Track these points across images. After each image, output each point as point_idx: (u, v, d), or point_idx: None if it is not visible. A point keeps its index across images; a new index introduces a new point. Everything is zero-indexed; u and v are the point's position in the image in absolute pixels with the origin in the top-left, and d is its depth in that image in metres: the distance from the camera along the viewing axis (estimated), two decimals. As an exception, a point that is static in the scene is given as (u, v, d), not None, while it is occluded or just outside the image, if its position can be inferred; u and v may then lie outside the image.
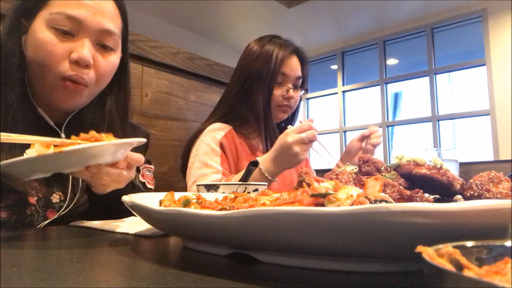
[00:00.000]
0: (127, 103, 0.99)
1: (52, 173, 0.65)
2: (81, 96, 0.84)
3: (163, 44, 1.68)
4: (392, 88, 6.07)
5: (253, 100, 1.36)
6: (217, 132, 1.34)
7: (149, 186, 1.05)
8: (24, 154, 0.58)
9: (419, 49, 5.61)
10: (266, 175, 1.12)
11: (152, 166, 1.10)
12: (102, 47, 0.84)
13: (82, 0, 0.80)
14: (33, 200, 0.80)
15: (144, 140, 0.68)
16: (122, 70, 0.95)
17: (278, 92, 1.37)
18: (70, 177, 0.87)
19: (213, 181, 1.22)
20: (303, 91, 1.46)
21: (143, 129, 1.13)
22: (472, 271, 0.19)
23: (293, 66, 1.40)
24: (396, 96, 6.23)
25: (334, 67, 6.44)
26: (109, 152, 0.62)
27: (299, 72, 1.42)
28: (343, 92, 6.36)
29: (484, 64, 4.99)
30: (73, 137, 0.63)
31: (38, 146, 0.58)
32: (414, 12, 5.29)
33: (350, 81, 6.37)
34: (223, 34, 6.04)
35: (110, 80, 0.91)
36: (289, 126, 1.15)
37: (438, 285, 0.17)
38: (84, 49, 0.79)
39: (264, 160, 1.14)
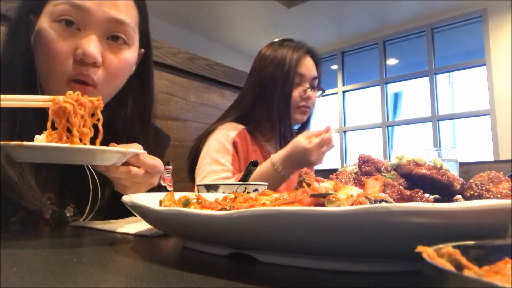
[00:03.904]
0: (150, 105, 0.89)
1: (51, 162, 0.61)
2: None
3: (163, 44, 1.68)
4: (392, 88, 6.07)
5: (271, 105, 1.34)
6: (230, 131, 1.33)
7: (169, 189, 1.02)
8: (34, 139, 0.58)
9: (419, 49, 5.61)
10: (283, 173, 1.15)
11: (170, 167, 1.09)
12: (113, 40, 0.75)
13: None
14: (47, 214, 0.74)
15: (136, 151, 0.63)
16: (145, 69, 0.87)
17: (295, 93, 1.36)
18: (91, 191, 0.80)
19: (223, 178, 1.21)
20: (320, 92, 1.44)
21: (164, 132, 1.06)
22: (472, 271, 0.19)
23: (309, 65, 1.39)
24: (396, 96, 6.23)
25: (334, 67, 6.44)
26: (96, 157, 0.58)
27: (314, 72, 1.40)
28: (343, 92, 6.36)
29: (484, 64, 4.99)
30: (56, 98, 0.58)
31: (48, 134, 0.58)
32: (414, 12, 5.29)
33: (350, 81, 6.37)
34: (223, 34, 6.04)
35: (131, 79, 0.83)
36: (306, 131, 1.18)
37: (438, 285, 0.17)
38: (91, 44, 0.70)
39: (278, 159, 1.16)
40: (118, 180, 0.68)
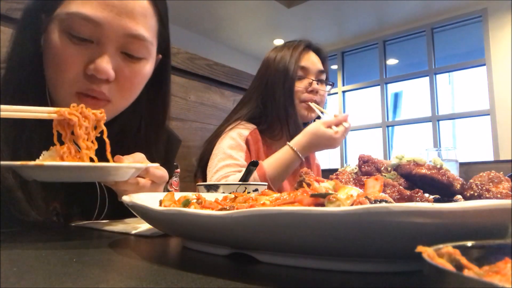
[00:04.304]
0: (165, 110, 0.85)
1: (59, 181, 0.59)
2: (105, 112, 0.68)
3: (163, 44, 1.68)
4: (392, 88, 6.07)
5: (277, 103, 1.34)
6: (243, 129, 1.33)
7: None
8: (41, 155, 0.57)
9: (419, 49, 5.61)
10: (301, 155, 1.22)
11: (178, 170, 1.07)
12: (128, 55, 0.70)
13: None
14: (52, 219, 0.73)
15: (150, 165, 0.63)
16: (162, 74, 0.82)
17: (300, 86, 1.35)
18: (98, 202, 0.78)
19: (236, 171, 1.22)
20: (329, 86, 1.44)
21: (175, 136, 1.02)
22: (472, 271, 0.19)
23: (312, 59, 1.39)
24: (396, 96, 6.23)
25: (334, 67, 6.44)
26: (108, 174, 0.58)
27: (320, 66, 1.40)
28: (343, 92, 6.36)
29: (484, 64, 4.99)
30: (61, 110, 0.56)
31: (54, 151, 0.57)
32: (414, 12, 5.29)
33: (350, 81, 6.37)
34: (223, 34, 6.04)
35: (146, 85, 0.78)
36: (321, 120, 1.26)
37: (438, 285, 0.17)
38: (104, 60, 0.65)
39: (298, 147, 1.22)
40: (125, 192, 0.65)
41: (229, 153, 1.26)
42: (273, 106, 1.35)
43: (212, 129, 1.49)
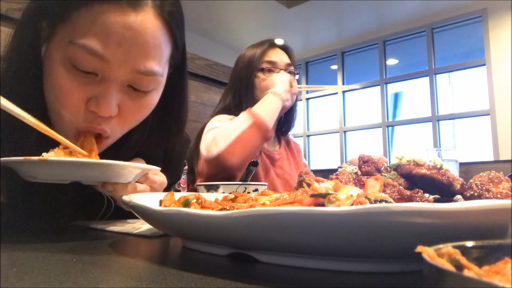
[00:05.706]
0: (179, 129, 0.80)
1: (61, 181, 0.58)
2: (101, 146, 0.66)
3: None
4: (392, 88, 6.07)
5: (246, 93, 1.40)
6: (226, 117, 1.35)
7: (183, 191, 1.00)
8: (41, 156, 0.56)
9: (419, 49, 5.61)
10: (278, 92, 1.29)
11: (186, 167, 1.08)
12: (136, 89, 0.64)
13: (113, 27, 0.57)
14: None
15: (151, 168, 0.62)
16: (176, 92, 0.76)
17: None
18: (104, 203, 0.76)
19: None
20: (297, 75, 1.48)
21: (186, 135, 0.94)
22: (472, 271, 0.19)
23: (278, 54, 1.44)
24: (396, 96, 6.23)
25: (334, 67, 6.44)
26: (113, 173, 0.58)
27: (287, 60, 1.45)
28: (343, 92, 6.36)
29: (484, 64, 4.99)
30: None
31: (57, 151, 0.57)
32: (414, 12, 5.29)
33: (350, 81, 6.37)
34: (223, 34, 6.04)
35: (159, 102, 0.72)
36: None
37: (438, 285, 0.17)
38: (107, 97, 0.59)
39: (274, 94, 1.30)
40: (119, 198, 0.64)
41: (220, 120, 1.29)
42: (243, 98, 1.40)
43: (212, 129, 1.49)
